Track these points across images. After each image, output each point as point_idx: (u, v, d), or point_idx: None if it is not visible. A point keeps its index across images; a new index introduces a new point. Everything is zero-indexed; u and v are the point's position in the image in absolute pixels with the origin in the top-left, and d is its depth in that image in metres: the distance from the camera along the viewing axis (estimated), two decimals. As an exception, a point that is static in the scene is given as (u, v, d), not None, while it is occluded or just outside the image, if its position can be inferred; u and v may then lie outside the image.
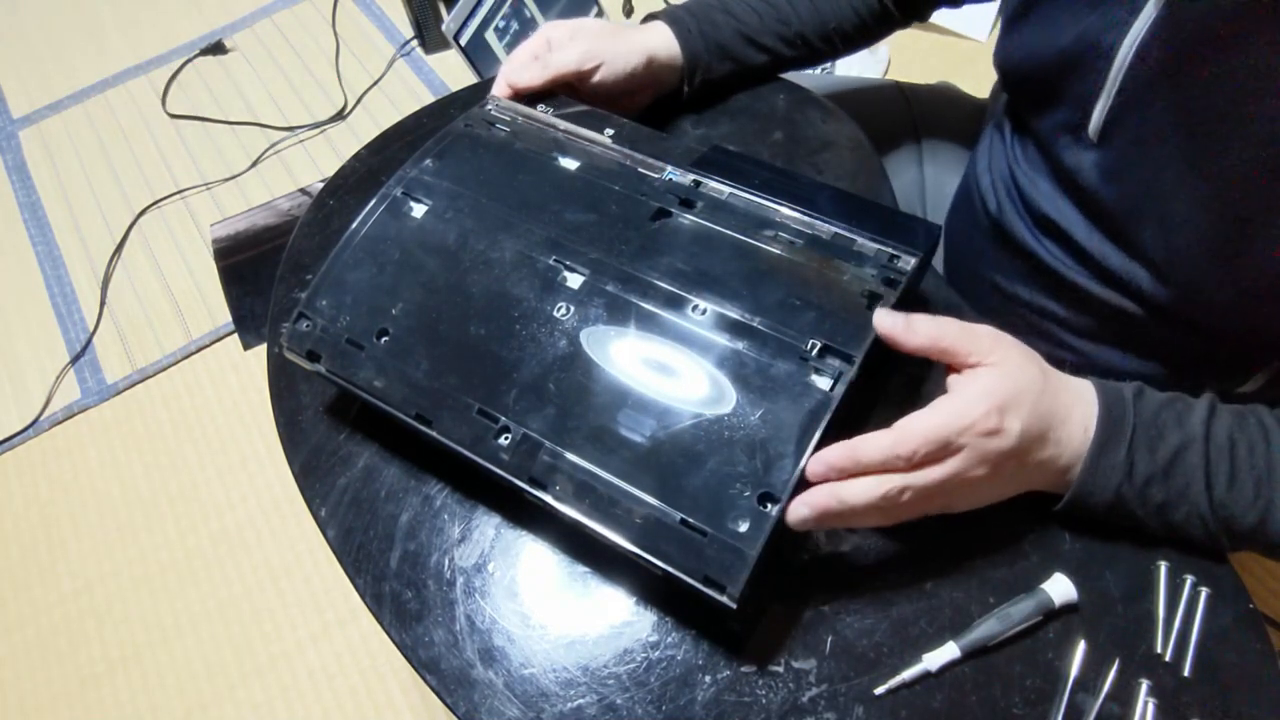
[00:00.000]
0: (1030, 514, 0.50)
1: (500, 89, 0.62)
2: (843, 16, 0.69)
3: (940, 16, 1.62)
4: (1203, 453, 0.45)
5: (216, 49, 1.75)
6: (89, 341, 1.41)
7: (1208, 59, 0.46)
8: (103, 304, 1.45)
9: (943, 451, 0.42)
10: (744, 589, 0.41)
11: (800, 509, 0.42)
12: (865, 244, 0.50)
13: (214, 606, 1.17)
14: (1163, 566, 0.48)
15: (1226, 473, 0.45)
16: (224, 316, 1.41)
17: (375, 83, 1.67)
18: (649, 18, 0.67)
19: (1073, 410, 0.46)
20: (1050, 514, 0.49)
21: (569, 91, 0.63)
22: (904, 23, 0.72)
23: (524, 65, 0.62)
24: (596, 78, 0.62)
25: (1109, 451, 0.46)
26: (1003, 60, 0.62)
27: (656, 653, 0.47)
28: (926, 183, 0.80)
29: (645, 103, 0.67)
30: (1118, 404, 0.47)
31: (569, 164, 0.56)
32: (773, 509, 0.42)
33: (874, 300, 0.47)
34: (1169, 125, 0.49)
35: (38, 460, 1.31)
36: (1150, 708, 0.44)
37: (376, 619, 0.50)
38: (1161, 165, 0.50)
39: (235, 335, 1.40)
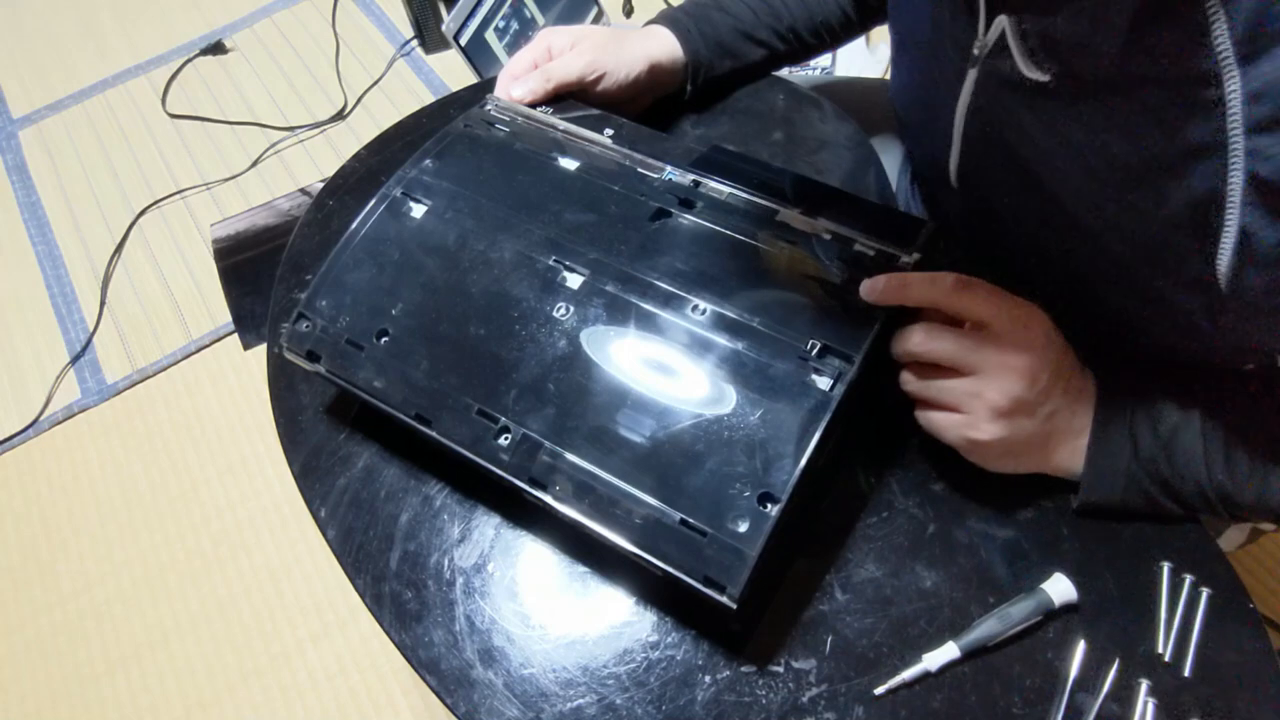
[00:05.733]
0: (1030, 514, 0.50)
1: (501, 94, 0.62)
2: (829, 11, 0.70)
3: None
4: (1199, 426, 0.46)
5: (216, 49, 1.75)
6: (89, 341, 1.41)
7: (1012, 124, 0.48)
8: (103, 304, 1.45)
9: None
10: (744, 589, 0.41)
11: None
12: (865, 243, 0.50)
13: (214, 606, 1.17)
14: (1164, 567, 0.48)
15: (1221, 447, 0.46)
16: (224, 316, 1.41)
17: (375, 83, 1.67)
18: (646, 24, 0.67)
19: (1073, 376, 0.47)
20: (1052, 513, 0.49)
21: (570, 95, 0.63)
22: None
23: (524, 72, 0.62)
24: (599, 88, 0.63)
25: (1113, 430, 0.47)
26: (890, 95, 0.64)
27: (656, 653, 0.47)
28: None
29: (646, 105, 0.68)
30: (1114, 384, 0.48)
31: (568, 164, 0.56)
32: (772, 509, 0.42)
33: (874, 300, 0.47)
34: (1006, 177, 0.51)
35: (38, 460, 1.31)
36: (1150, 708, 0.44)
37: (376, 619, 0.50)
38: (1008, 217, 0.53)
39: (235, 335, 1.40)
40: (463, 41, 1.42)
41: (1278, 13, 0.33)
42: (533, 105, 0.61)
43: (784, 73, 0.72)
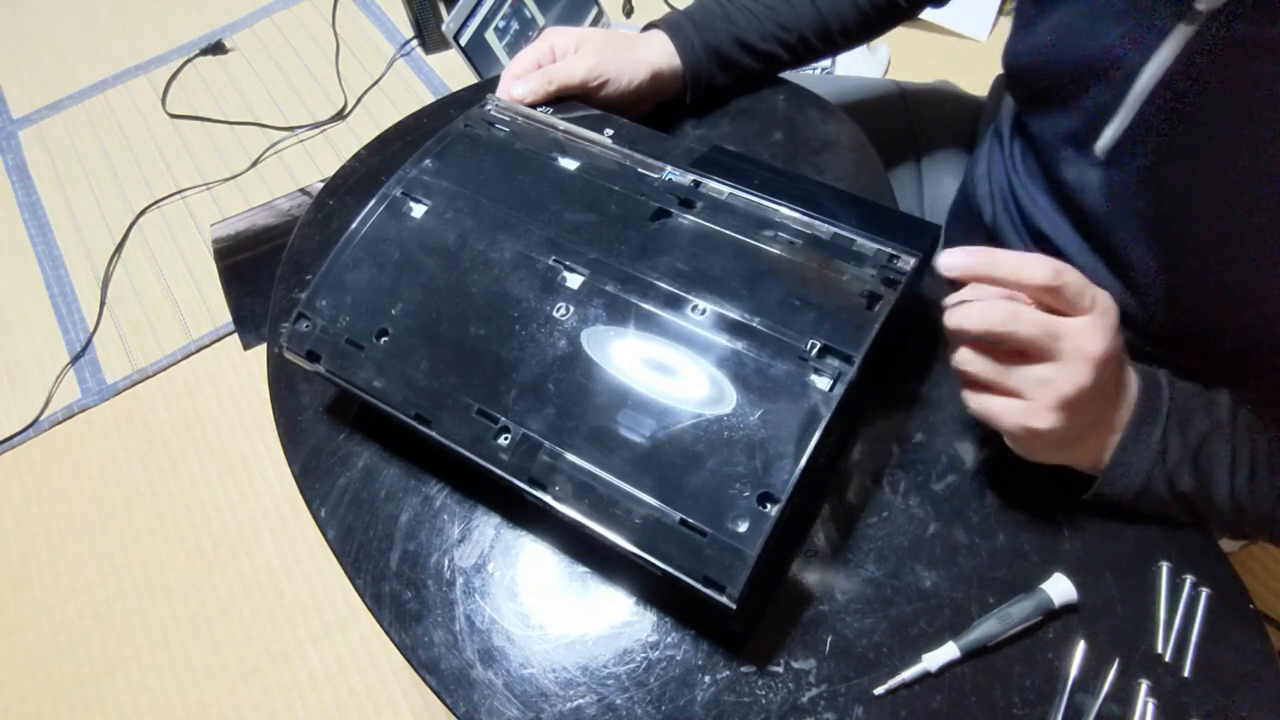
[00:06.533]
0: (1030, 514, 0.50)
1: (503, 94, 0.62)
2: (844, 15, 0.68)
3: (941, 16, 1.62)
4: (1229, 441, 0.46)
5: (216, 49, 1.75)
6: (89, 341, 1.41)
7: (1237, 89, 0.44)
8: (103, 304, 1.45)
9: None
10: (744, 589, 0.41)
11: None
12: (865, 244, 0.50)
13: (214, 606, 1.17)
14: (1163, 567, 0.48)
15: (1248, 464, 0.46)
16: (224, 316, 1.41)
17: (375, 83, 1.67)
18: (649, 26, 0.67)
19: (1120, 370, 0.46)
20: (1052, 513, 0.49)
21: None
22: (910, 13, 0.71)
23: (527, 73, 0.61)
24: (602, 94, 0.63)
25: (1146, 431, 0.46)
26: (1013, 58, 0.59)
27: (656, 653, 0.47)
28: (924, 182, 0.80)
29: (646, 110, 0.68)
30: (1154, 385, 0.47)
31: (569, 164, 0.56)
32: (772, 509, 0.42)
33: (873, 300, 0.47)
34: (1188, 152, 0.47)
35: (38, 460, 1.31)
36: (1150, 708, 0.44)
37: (376, 619, 0.50)
38: (1174, 192, 0.49)
39: (235, 335, 1.40)
40: (463, 41, 1.42)
41: None
42: (533, 106, 0.61)
43: (784, 73, 0.72)
